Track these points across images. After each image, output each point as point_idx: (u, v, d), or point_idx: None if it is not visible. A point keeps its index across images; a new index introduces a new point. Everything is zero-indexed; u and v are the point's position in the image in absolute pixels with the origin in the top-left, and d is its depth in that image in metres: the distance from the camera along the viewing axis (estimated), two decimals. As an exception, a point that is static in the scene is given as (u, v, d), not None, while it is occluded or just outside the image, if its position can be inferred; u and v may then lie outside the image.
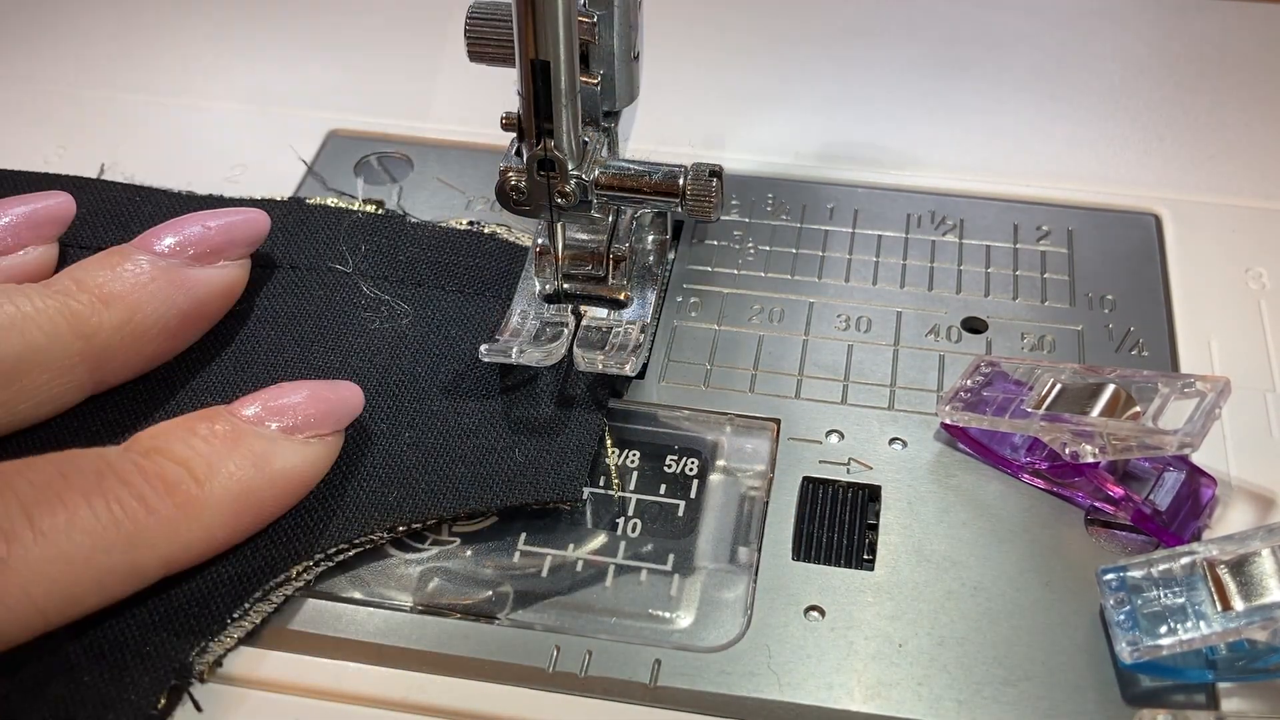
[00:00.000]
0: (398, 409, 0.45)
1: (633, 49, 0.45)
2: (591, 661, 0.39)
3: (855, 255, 0.52)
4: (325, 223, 0.51)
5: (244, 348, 0.47)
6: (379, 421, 0.44)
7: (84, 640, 0.37)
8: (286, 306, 0.48)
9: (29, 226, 0.46)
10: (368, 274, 0.49)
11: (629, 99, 0.46)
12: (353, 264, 0.50)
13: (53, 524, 0.35)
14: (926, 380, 0.47)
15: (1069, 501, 0.42)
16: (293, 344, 0.47)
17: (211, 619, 0.38)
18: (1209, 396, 0.40)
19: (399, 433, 0.44)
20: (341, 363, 0.46)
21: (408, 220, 0.52)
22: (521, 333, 0.46)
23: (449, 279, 0.50)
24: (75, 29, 0.65)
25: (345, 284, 0.49)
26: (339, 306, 0.48)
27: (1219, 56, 0.62)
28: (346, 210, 0.52)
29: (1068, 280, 0.50)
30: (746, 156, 0.56)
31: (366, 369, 0.46)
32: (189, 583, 0.39)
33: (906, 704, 0.37)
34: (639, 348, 0.45)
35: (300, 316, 0.48)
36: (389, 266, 0.50)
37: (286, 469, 0.40)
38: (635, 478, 0.44)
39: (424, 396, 0.45)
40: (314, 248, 0.50)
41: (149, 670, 0.37)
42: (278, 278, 0.49)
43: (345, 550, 0.41)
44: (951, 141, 0.57)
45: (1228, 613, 0.36)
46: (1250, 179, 0.55)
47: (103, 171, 0.55)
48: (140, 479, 0.37)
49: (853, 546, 0.42)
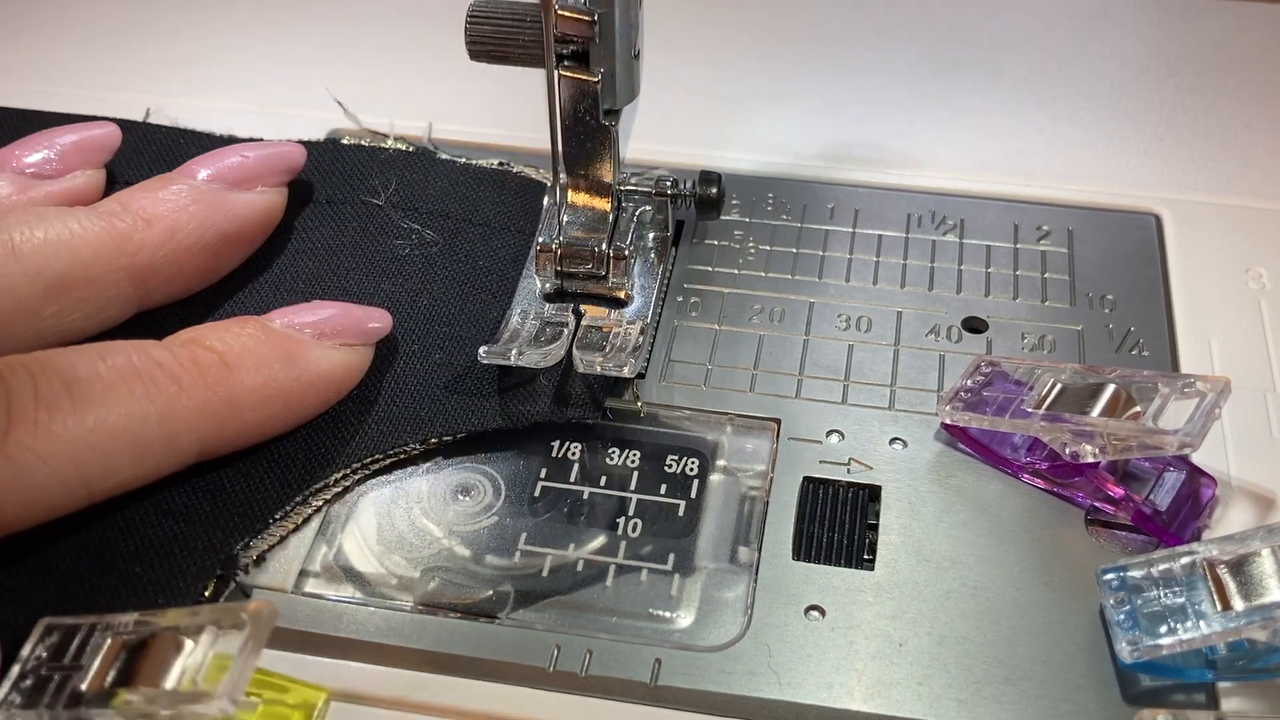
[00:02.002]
0: (428, 331, 0.47)
1: (633, 47, 0.45)
2: (592, 661, 0.39)
3: (855, 255, 0.52)
4: (358, 159, 0.54)
5: (282, 273, 0.49)
6: (410, 343, 0.47)
7: (135, 537, 0.40)
8: (322, 236, 0.51)
9: (77, 152, 0.50)
10: (399, 206, 0.52)
11: (630, 98, 0.46)
12: (384, 197, 0.52)
13: (90, 396, 0.37)
14: (926, 380, 0.47)
15: (1069, 501, 0.42)
16: (329, 271, 0.49)
17: (255, 518, 0.41)
18: (1209, 396, 0.40)
19: (429, 354, 0.46)
20: (374, 286, 0.48)
21: (438, 156, 0.54)
22: (520, 334, 0.46)
23: (477, 213, 0.52)
24: (75, 29, 0.65)
25: (378, 215, 0.52)
26: (372, 235, 0.51)
27: (1219, 56, 0.62)
28: (379, 148, 0.55)
29: (1068, 280, 0.50)
30: (746, 156, 0.56)
31: (398, 293, 0.48)
32: (233, 485, 0.41)
33: (907, 703, 0.37)
34: (638, 349, 0.45)
35: (335, 245, 0.50)
36: (419, 199, 0.52)
37: (315, 368, 0.42)
38: (635, 478, 0.44)
39: (453, 321, 0.48)
40: (348, 182, 0.53)
41: (196, 561, 0.40)
42: (314, 210, 0.52)
43: (380, 460, 0.43)
44: (951, 141, 0.57)
45: (1228, 612, 0.36)
46: (1250, 179, 0.55)
47: (148, 115, 0.58)
48: (175, 363, 0.40)
49: (853, 546, 0.42)
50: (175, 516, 0.40)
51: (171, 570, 0.39)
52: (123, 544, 0.40)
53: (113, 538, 0.40)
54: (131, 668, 0.34)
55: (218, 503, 0.41)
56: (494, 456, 0.45)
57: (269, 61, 0.62)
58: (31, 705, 0.34)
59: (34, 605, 0.38)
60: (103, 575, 0.39)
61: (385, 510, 0.43)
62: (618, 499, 0.43)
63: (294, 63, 0.62)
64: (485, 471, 0.44)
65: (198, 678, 0.34)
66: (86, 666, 0.35)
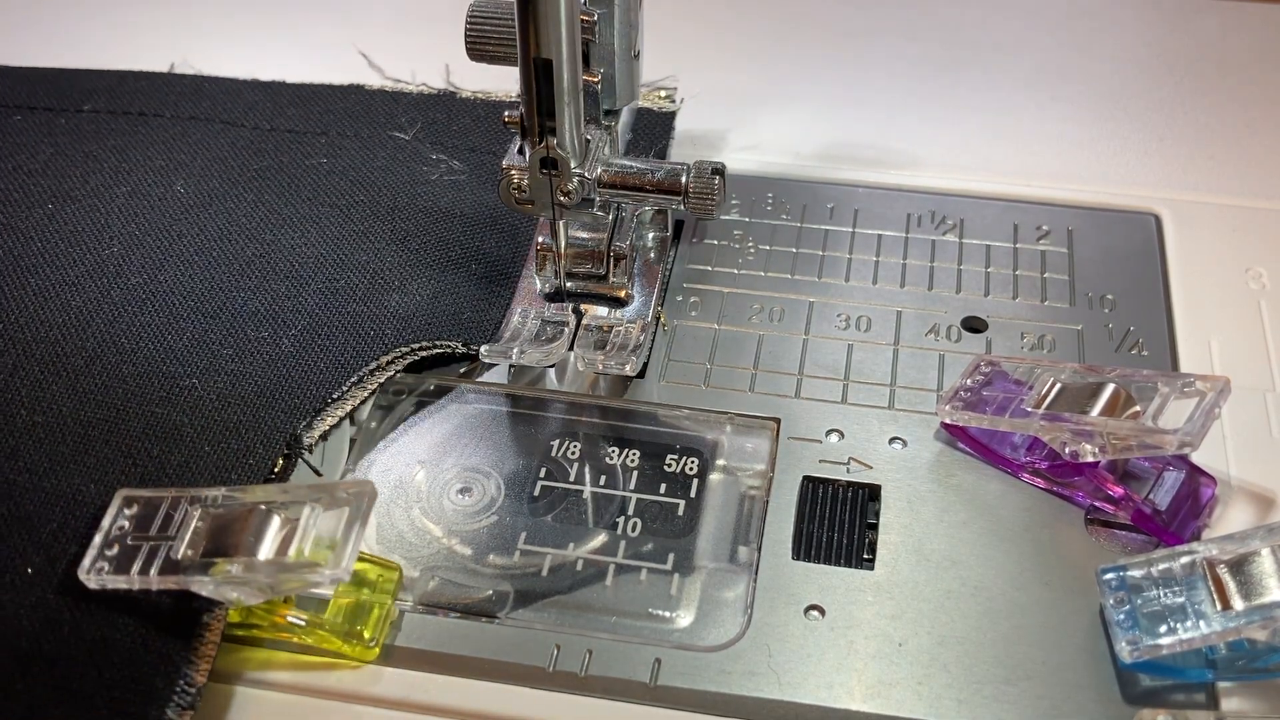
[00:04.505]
0: (466, 245, 0.50)
1: (633, 47, 0.45)
2: (592, 661, 0.39)
3: (855, 255, 0.52)
4: (383, 102, 0.57)
5: (313, 202, 0.51)
6: (450, 251, 0.50)
7: (200, 418, 0.42)
8: (354, 163, 0.53)
9: None
10: (426, 140, 0.55)
11: (629, 97, 0.46)
12: (412, 133, 0.55)
13: None
14: (926, 380, 0.47)
15: (1069, 501, 0.42)
16: (362, 190, 0.52)
17: (314, 399, 0.43)
18: (1209, 396, 0.40)
19: (468, 264, 0.50)
20: (408, 202, 0.51)
21: (459, 96, 0.58)
22: (522, 333, 0.46)
23: (501, 145, 0.53)
24: (75, 29, 0.65)
25: (405, 148, 0.55)
26: (402, 163, 0.54)
27: (1219, 56, 0.62)
28: (402, 92, 0.58)
29: (1068, 280, 0.50)
30: (746, 156, 0.56)
31: (433, 208, 0.51)
32: (289, 370, 0.44)
33: (906, 703, 0.37)
34: (639, 347, 0.45)
35: (365, 173, 0.53)
36: (445, 135, 0.55)
37: None
38: (635, 477, 0.44)
39: (479, 236, 0.51)
40: (375, 121, 0.56)
41: (263, 440, 0.42)
42: (342, 144, 0.54)
43: (427, 347, 0.46)
44: (951, 141, 0.57)
45: (1228, 612, 0.36)
46: (1250, 179, 0.55)
47: (172, 68, 0.61)
48: None
49: (853, 546, 0.42)
50: (237, 401, 0.43)
51: (240, 448, 0.41)
52: (188, 425, 0.42)
53: (177, 418, 0.42)
54: (223, 539, 0.36)
55: (277, 386, 0.43)
56: (494, 456, 0.45)
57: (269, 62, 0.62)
58: (122, 571, 0.36)
59: (106, 477, 0.40)
60: (170, 453, 0.41)
61: (385, 510, 0.43)
62: (618, 498, 0.43)
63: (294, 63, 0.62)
64: (485, 471, 0.44)
65: (304, 549, 0.36)
66: (178, 536, 0.36)
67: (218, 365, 0.44)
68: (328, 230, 0.50)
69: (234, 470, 0.41)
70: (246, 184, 0.52)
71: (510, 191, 0.43)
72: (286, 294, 0.47)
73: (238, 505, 0.37)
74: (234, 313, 0.46)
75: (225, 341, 0.45)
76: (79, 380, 0.43)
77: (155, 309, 0.46)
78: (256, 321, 0.46)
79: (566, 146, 0.42)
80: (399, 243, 0.50)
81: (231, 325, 0.45)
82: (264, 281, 0.47)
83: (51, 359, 0.43)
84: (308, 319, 0.46)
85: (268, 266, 0.48)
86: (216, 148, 0.54)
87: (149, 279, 0.47)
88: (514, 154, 0.44)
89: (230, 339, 0.45)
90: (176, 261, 0.48)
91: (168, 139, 0.54)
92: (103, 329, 0.45)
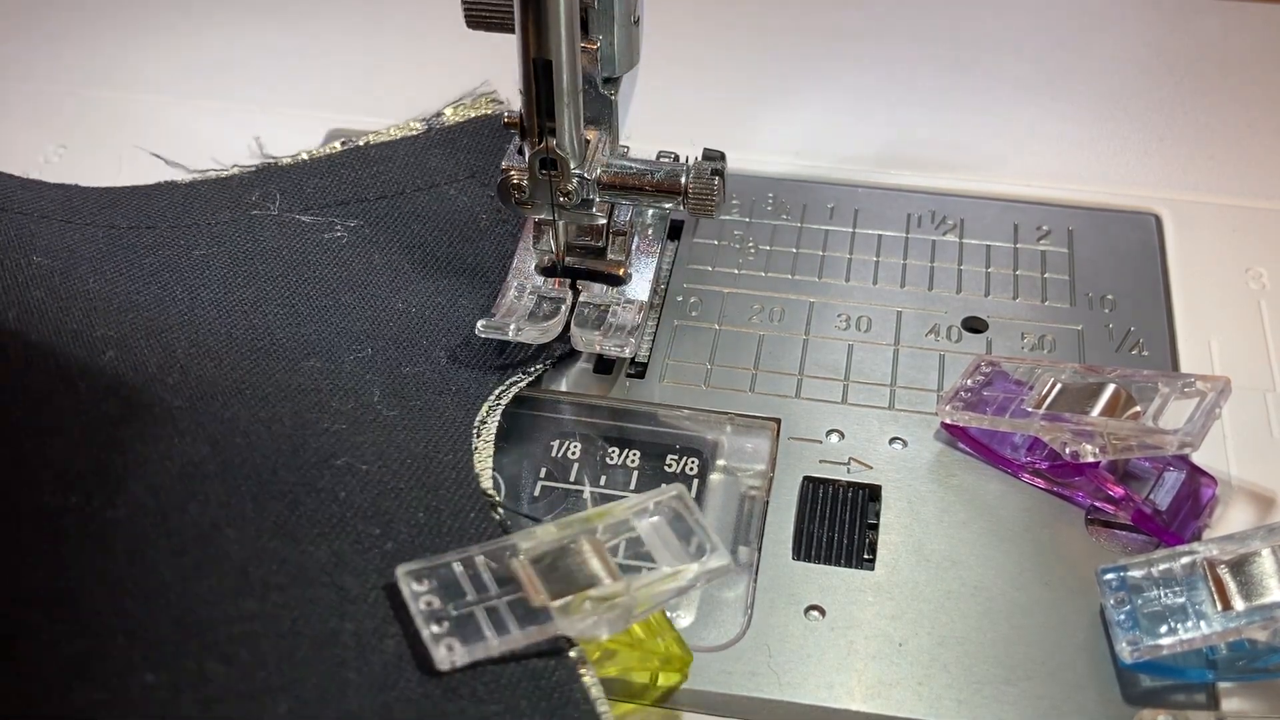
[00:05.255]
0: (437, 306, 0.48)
1: (633, 13, 0.44)
2: (592, 661, 0.39)
3: (855, 255, 0.52)
4: (212, 188, 0.51)
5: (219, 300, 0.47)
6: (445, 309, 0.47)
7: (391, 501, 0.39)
8: (241, 245, 0.48)
9: None
10: (294, 209, 0.50)
11: (629, 64, 0.45)
12: (276, 206, 0.50)
13: None
14: (926, 380, 0.47)
15: (1069, 501, 0.42)
16: (310, 274, 0.48)
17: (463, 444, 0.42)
18: (1209, 396, 0.40)
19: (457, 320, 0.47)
20: (331, 277, 0.48)
21: (280, 164, 0.52)
22: (518, 309, 0.46)
23: (364, 194, 0.51)
24: (75, 29, 0.65)
25: (278, 219, 0.50)
26: (295, 234, 0.49)
27: (1219, 56, 0.62)
28: (225, 177, 0.52)
29: (1068, 280, 0.50)
30: (746, 156, 0.56)
31: (405, 247, 0.49)
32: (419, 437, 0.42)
33: (907, 703, 0.37)
34: (638, 329, 0.45)
35: (270, 248, 0.48)
36: (304, 199, 0.51)
37: None
38: (635, 477, 0.44)
39: (447, 275, 0.49)
40: (218, 205, 0.50)
41: (463, 491, 0.40)
42: (215, 231, 0.49)
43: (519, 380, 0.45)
44: (951, 141, 0.57)
45: (1228, 612, 0.36)
46: (1250, 179, 0.55)
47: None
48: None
49: (853, 546, 0.42)
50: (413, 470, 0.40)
51: (449, 506, 0.39)
52: (395, 508, 0.39)
53: (386, 504, 0.39)
54: (559, 579, 0.35)
55: (426, 453, 0.41)
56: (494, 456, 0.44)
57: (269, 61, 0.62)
58: (475, 640, 0.34)
59: (361, 572, 0.37)
60: (388, 536, 0.38)
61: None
62: (618, 499, 0.43)
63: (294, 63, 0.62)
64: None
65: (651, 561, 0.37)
66: (509, 589, 0.35)
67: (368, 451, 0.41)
68: (331, 320, 0.46)
69: (451, 533, 0.39)
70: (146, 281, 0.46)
71: (510, 191, 0.43)
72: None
73: (553, 544, 0.36)
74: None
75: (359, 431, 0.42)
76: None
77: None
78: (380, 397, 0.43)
79: (566, 147, 0.42)
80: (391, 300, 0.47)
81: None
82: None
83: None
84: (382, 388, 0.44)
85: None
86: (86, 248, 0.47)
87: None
88: (513, 154, 0.43)
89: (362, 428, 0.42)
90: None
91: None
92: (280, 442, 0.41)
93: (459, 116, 0.55)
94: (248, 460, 0.38)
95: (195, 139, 0.58)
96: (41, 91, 0.61)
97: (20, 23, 0.65)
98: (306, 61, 0.62)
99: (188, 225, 0.49)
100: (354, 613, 0.35)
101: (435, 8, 0.64)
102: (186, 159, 0.56)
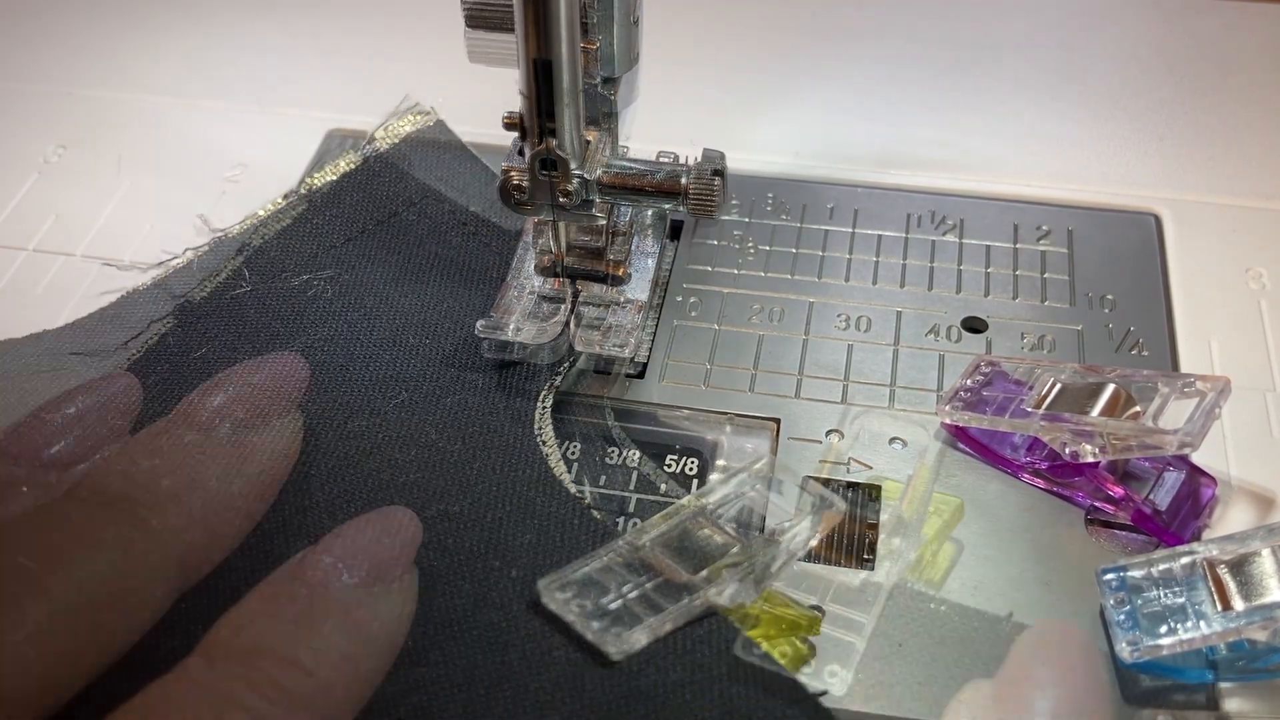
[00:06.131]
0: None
1: (632, 13, 0.44)
2: (592, 661, 0.39)
3: (855, 255, 0.52)
4: (177, 276, 0.50)
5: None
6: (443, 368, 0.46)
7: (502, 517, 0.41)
8: (246, 314, 0.48)
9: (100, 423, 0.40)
10: (265, 280, 0.49)
11: (628, 64, 0.45)
12: (249, 285, 0.49)
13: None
14: (926, 380, 0.47)
15: (1069, 501, 0.42)
16: (323, 334, 0.47)
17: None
18: (1209, 396, 0.40)
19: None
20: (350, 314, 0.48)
21: (230, 234, 0.51)
22: (516, 309, 0.46)
23: (316, 258, 0.50)
24: (74, 29, 0.65)
25: (255, 293, 0.48)
26: (282, 299, 0.48)
27: (1219, 56, 0.62)
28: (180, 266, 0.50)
29: (1068, 280, 0.50)
30: (746, 156, 0.56)
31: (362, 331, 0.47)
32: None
33: (906, 703, 0.37)
34: (637, 329, 0.45)
35: (278, 309, 0.48)
36: (269, 265, 0.49)
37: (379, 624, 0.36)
38: (635, 477, 0.44)
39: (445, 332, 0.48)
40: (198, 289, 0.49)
41: (569, 507, 0.41)
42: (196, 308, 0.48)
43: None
44: (951, 141, 0.57)
45: (1228, 613, 0.36)
46: (1250, 179, 0.55)
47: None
48: (249, 692, 0.33)
49: (853, 546, 0.42)
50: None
51: (551, 519, 0.41)
52: (502, 538, 0.40)
53: (493, 538, 0.40)
54: (682, 560, 0.38)
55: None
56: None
57: (269, 61, 0.62)
58: (637, 623, 0.36)
59: (500, 605, 0.38)
60: (509, 564, 0.39)
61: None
62: (618, 499, 0.43)
63: (294, 63, 0.62)
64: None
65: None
66: (648, 575, 0.38)
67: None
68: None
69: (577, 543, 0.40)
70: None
71: (510, 191, 0.43)
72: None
73: (672, 528, 0.39)
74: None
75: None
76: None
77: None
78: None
79: (566, 147, 0.42)
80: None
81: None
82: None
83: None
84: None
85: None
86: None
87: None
88: (513, 154, 0.43)
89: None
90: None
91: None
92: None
93: (392, 138, 0.55)
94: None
95: (195, 139, 0.58)
96: (41, 91, 0.61)
97: (20, 23, 0.65)
98: (306, 61, 0.62)
99: (175, 328, 0.47)
100: (514, 641, 0.37)
101: (435, 8, 0.64)
102: (187, 159, 0.57)
